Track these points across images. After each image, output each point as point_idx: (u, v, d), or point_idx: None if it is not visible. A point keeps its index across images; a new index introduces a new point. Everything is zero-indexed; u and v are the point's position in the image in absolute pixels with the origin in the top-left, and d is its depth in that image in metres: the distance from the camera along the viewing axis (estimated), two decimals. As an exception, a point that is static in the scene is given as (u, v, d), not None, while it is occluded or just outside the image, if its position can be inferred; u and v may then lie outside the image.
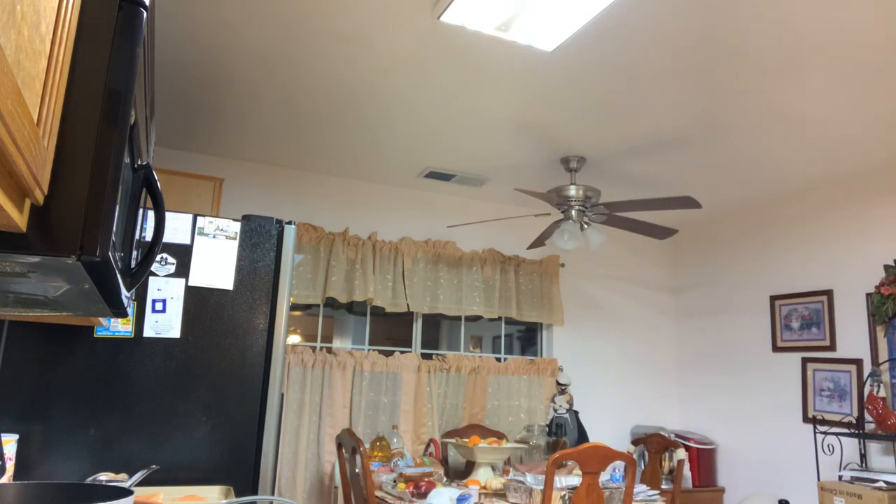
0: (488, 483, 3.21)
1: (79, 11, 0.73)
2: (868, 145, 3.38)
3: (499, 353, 4.68)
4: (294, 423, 3.76)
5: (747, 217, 4.54)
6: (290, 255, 2.22)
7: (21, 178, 0.57)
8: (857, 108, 2.95)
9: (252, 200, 3.90)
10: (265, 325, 2.15)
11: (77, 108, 0.72)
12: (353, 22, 2.40)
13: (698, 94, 2.86)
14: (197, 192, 3.27)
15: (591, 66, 2.65)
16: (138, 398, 1.97)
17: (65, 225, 0.70)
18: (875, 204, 3.72)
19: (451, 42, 2.50)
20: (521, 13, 2.24)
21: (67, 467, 1.86)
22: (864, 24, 2.29)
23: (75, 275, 0.79)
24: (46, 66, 0.61)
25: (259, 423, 2.09)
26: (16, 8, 0.48)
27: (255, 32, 2.49)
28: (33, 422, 1.85)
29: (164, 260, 2.07)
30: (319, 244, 4.01)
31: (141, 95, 0.91)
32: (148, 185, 1.10)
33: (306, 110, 3.21)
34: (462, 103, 3.06)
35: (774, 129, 3.20)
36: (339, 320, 5.67)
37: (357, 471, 2.88)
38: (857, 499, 3.10)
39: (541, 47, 2.48)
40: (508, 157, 3.77)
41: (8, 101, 0.46)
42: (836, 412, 3.75)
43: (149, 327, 2.02)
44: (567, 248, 3.61)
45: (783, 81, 2.72)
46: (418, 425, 4.09)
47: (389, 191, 4.39)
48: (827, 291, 3.91)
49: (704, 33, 2.39)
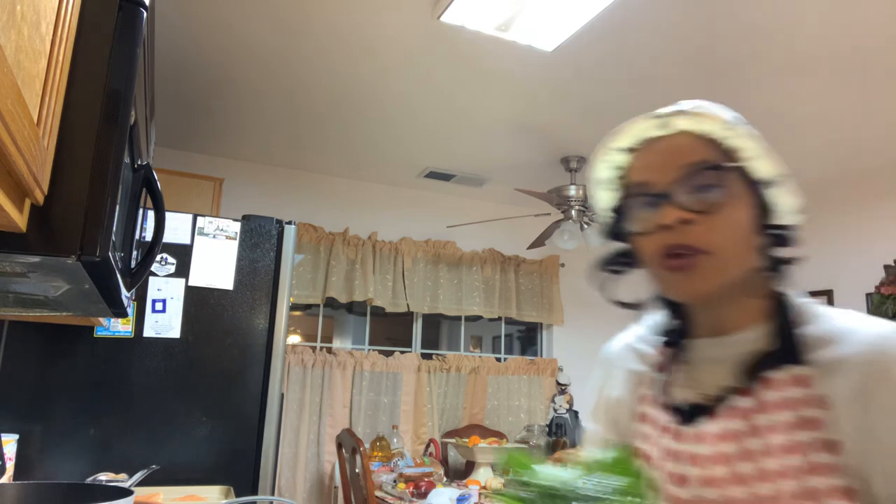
0: (488, 483, 3.21)
1: (79, 11, 0.73)
2: (868, 145, 3.38)
3: (499, 353, 4.68)
4: (294, 423, 3.76)
5: (747, 217, 4.54)
6: (290, 255, 2.22)
7: (21, 178, 0.57)
8: (856, 109, 2.95)
9: (252, 200, 3.89)
10: (265, 325, 2.15)
11: (77, 108, 0.72)
12: (353, 22, 2.39)
13: (698, 94, 2.85)
14: (197, 192, 3.27)
15: (591, 66, 2.65)
16: (138, 398, 1.97)
17: (65, 225, 0.70)
18: (875, 204, 3.72)
19: (451, 42, 2.50)
20: (521, 13, 2.24)
21: (67, 467, 1.86)
22: (863, 26, 2.29)
23: (75, 275, 0.79)
24: (46, 66, 0.61)
25: (259, 423, 2.09)
26: (16, 8, 0.48)
27: (255, 32, 2.49)
28: (33, 422, 1.85)
29: (164, 260, 2.07)
30: (319, 244, 4.01)
31: (141, 95, 0.91)
32: (148, 185, 1.10)
33: (306, 110, 3.21)
34: (462, 103, 3.06)
35: (775, 130, 3.20)
36: (339, 320, 5.66)
37: (357, 471, 2.88)
38: (857, 499, 3.10)
39: (541, 47, 2.48)
40: (508, 157, 3.77)
41: (8, 101, 0.46)
42: (836, 412, 3.75)
43: (149, 327, 2.02)
44: (567, 248, 3.61)
45: (783, 82, 2.72)
46: (418, 425, 4.09)
47: (389, 191, 4.39)
48: (827, 291, 3.91)
49: (704, 33, 2.39)
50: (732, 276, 0.72)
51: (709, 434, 0.74)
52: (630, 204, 0.78)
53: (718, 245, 0.71)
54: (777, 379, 0.71)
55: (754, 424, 0.71)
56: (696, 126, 0.74)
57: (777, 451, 0.69)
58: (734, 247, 0.72)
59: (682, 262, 0.71)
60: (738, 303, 0.76)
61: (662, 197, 0.73)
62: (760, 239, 0.75)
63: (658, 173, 0.74)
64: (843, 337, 0.70)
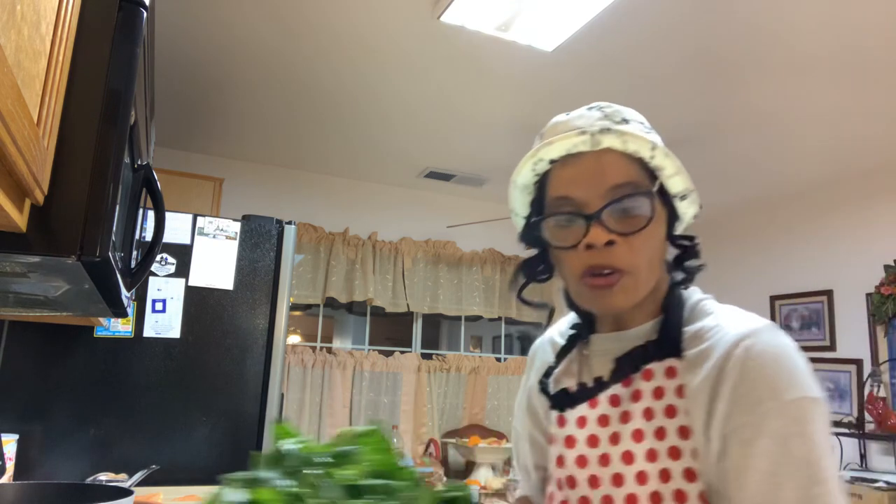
0: (488, 483, 3.21)
1: (79, 11, 0.73)
2: (868, 145, 3.37)
3: (499, 353, 4.68)
4: (294, 423, 3.76)
5: (747, 217, 4.54)
6: (290, 255, 2.22)
7: (21, 178, 0.57)
8: (856, 109, 2.95)
9: (252, 200, 3.89)
10: (265, 325, 2.15)
11: (77, 108, 0.72)
12: (353, 22, 2.39)
13: (698, 94, 2.86)
14: (197, 192, 3.27)
15: (591, 66, 2.65)
16: (138, 398, 1.97)
17: (65, 225, 0.70)
18: (875, 204, 3.72)
19: (450, 42, 2.49)
20: (521, 13, 2.24)
21: (67, 467, 1.86)
22: (863, 26, 2.29)
23: (75, 275, 0.79)
24: (46, 66, 0.61)
25: (259, 423, 2.09)
26: (16, 8, 0.48)
27: (255, 32, 2.49)
28: (33, 422, 1.85)
29: (164, 260, 2.07)
30: (319, 244, 4.01)
31: (141, 95, 0.91)
32: (148, 185, 1.10)
33: (306, 110, 3.21)
34: (462, 103, 3.06)
35: (775, 130, 3.20)
36: (339, 320, 5.66)
37: (357, 471, 2.88)
38: (858, 499, 3.10)
39: (541, 47, 2.48)
40: (508, 157, 3.77)
41: (8, 101, 0.46)
42: (836, 412, 3.75)
43: (149, 327, 2.02)
44: (567, 248, 3.60)
45: (783, 82, 2.72)
46: (418, 425, 4.09)
47: (389, 191, 4.39)
48: (827, 291, 3.91)
49: (704, 33, 2.38)
50: (647, 290, 0.78)
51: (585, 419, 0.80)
52: (550, 216, 0.80)
53: (638, 265, 0.75)
54: (653, 370, 0.77)
55: (626, 410, 0.77)
56: (623, 146, 0.77)
57: (640, 435, 0.74)
58: (650, 263, 0.77)
59: (605, 280, 0.75)
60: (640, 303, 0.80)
61: (588, 217, 0.75)
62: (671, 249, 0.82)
63: (582, 190, 0.76)
64: (713, 333, 0.74)
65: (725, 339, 0.72)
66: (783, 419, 0.65)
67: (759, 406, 0.66)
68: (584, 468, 0.78)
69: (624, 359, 0.79)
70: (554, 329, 0.98)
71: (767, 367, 0.68)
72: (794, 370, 0.68)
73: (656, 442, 0.73)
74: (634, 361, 0.78)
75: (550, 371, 0.89)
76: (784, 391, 0.66)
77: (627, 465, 0.74)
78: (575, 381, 0.85)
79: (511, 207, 0.89)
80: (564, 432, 0.82)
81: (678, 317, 0.79)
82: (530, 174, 0.83)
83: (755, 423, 0.66)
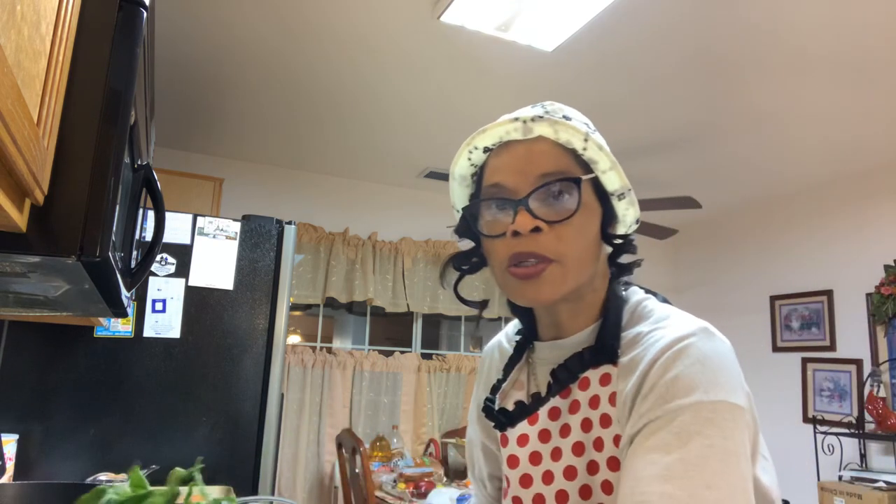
0: (488, 483, 3.21)
1: (79, 11, 0.73)
2: (868, 145, 3.38)
3: (499, 353, 4.67)
4: (294, 423, 3.76)
5: (747, 217, 4.54)
6: (290, 255, 2.22)
7: (21, 178, 0.57)
8: (856, 108, 2.95)
9: (252, 200, 3.89)
10: (265, 325, 2.15)
11: (77, 108, 0.72)
12: (353, 22, 2.39)
13: (698, 93, 2.86)
14: (197, 192, 3.27)
15: (591, 66, 2.65)
16: (138, 398, 1.97)
17: (65, 225, 0.70)
18: (875, 204, 3.72)
19: (450, 42, 2.49)
20: (521, 13, 2.24)
21: (67, 467, 1.86)
22: (863, 26, 2.29)
23: (75, 275, 0.79)
24: (46, 66, 0.61)
25: (259, 423, 2.09)
26: (16, 8, 0.48)
27: (255, 32, 2.49)
28: (33, 422, 1.85)
29: (164, 260, 2.07)
30: (319, 244, 4.01)
31: (141, 95, 0.91)
32: (148, 185, 1.10)
33: (306, 110, 3.21)
34: (462, 103, 3.06)
35: (775, 130, 3.20)
36: (339, 320, 5.66)
37: (357, 471, 2.88)
38: (857, 499, 3.10)
39: (541, 47, 2.48)
40: (508, 157, 3.77)
41: (8, 101, 0.46)
42: (836, 412, 3.75)
43: (149, 327, 2.02)
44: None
45: (783, 82, 2.72)
46: (418, 425, 4.09)
47: (389, 191, 4.39)
48: (827, 291, 3.91)
49: (704, 33, 2.38)
50: (577, 284, 0.75)
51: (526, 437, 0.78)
52: (482, 204, 0.79)
53: (565, 254, 0.73)
54: (589, 378, 0.75)
55: (565, 423, 0.75)
56: (555, 135, 0.75)
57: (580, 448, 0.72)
58: (580, 256, 0.74)
59: (530, 270, 0.73)
60: (577, 306, 0.79)
61: (515, 203, 0.74)
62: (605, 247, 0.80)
63: (513, 177, 0.75)
64: (647, 338, 0.71)
65: (658, 345, 0.69)
66: (693, 417, 0.62)
67: (671, 402, 0.64)
68: (528, 488, 0.76)
69: (559, 370, 0.77)
70: (503, 333, 0.96)
71: (690, 368, 0.65)
72: (718, 373, 0.65)
73: (595, 454, 0.71)
74: (571, 371, 0.76)
75: (498, 386, 0.87)
76: (703, 392, 0.64)
77: (570, 482, 0.72)
78: (525, 392, 0.83)
79: (452, 202, 0.89)
80: (507, 452, 0.80)
81: (616, 321, 0.76)
82: (467, 164, 0.84)
83: (665, 418, 0.63)
